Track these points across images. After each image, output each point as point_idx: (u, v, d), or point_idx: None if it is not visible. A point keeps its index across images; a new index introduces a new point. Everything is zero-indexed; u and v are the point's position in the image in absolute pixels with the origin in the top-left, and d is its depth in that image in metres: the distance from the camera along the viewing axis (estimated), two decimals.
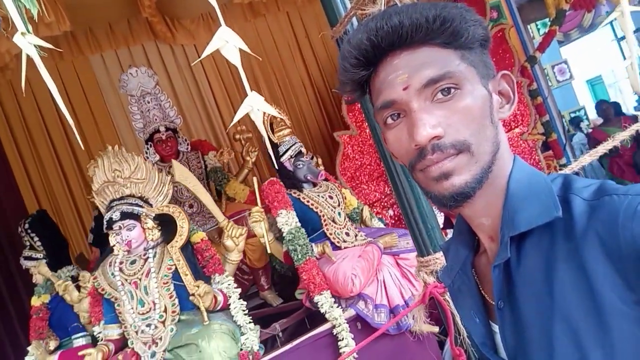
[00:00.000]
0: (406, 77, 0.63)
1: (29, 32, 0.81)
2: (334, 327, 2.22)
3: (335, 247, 2.54)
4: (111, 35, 4.10)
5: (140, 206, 2.26)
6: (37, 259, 2.59)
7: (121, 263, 2.22)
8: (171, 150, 3.25)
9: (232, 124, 0.92)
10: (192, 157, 3.36)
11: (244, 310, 2.20)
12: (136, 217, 2.22)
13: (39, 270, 2.53)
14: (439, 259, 1.85)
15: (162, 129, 3.21)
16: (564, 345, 0.57)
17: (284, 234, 2.39)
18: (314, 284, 2.29)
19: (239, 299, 2.24)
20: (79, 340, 2.49)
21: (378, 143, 1.92)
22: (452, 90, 0.62)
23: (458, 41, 0.63)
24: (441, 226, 2.48)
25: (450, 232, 2.74)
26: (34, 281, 2.60)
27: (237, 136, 3.49)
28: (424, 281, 1.87)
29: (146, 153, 3.26)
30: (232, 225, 2.40)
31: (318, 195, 2.69)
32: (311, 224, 2.58)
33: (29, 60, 0.89)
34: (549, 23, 4.54)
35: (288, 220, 2.41)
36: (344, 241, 2.59)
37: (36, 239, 2.64)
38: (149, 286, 2.15)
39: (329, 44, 4.70)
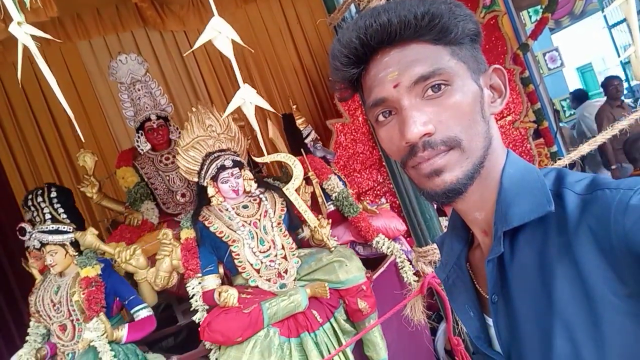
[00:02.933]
0: (396, 74, 0.63)
1: (23, 21, 0.80)
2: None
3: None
4: (99, 21, 4.02)
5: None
6: (66, 232, 2.31)
7: (233, 208, 2.34)
8: (163, 138, 3.22)
9: (223, 117, 0.91)
10: None
11: None
12: (242, 166, 2.39)
13: (85, 241, 2.32)
14: (437, 249, 1.86)
15: (153, 117, 3.17)
16: (556, 338, 0.58)
17: (335, 195, 2.67)
18: (370, 230, 2.62)
19: None
20: (143, 312, 2.28)
21: (375, 133, 1.91)
22: (443, 86, 0.62)
23: (448, 37, 0.63)
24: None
25: (442, 220, 2.76)
26: (33, 271, 2.43)
27: None
28: (421, 271, 1.88)
29: (137, 142, 3.23)
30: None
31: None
32: None
33: (21, 49, 0.88)
34: (541, 10, 4.54)
35: (337, 183, 2.72)
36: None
37: (61, 210, 2.38)
38: (267, 226, 2.33)
39: (322, 31, 4.66)
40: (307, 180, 2.70)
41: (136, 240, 2.69)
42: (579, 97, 6.38)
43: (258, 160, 2.68)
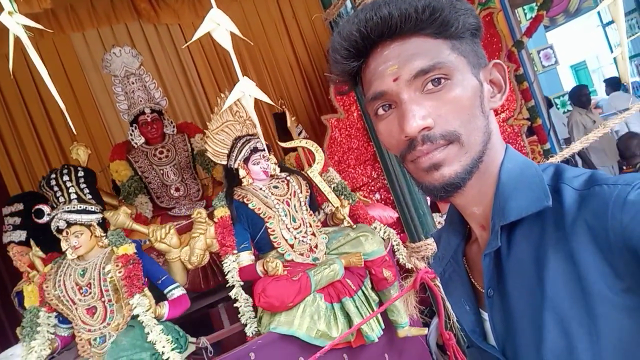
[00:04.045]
0: (396, 68, 0.63)
1: (15, 11, 0.79)
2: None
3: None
4: (93, 14, 3.98)
5: None
6: (94, 212, 2.21)
7: (267, 188, 2.47)
8: (157, 132, 3.20)
9: (222, 110, 0.90)
10: (178, 139, 3.31)
11: None
12: (269, 150, 2.51)
13: (117, 221, 2.30)
14: (430, 245, 1.87)
15: (147, 110, 3.15)
16: (551, 332, 0.58)
17: (335, 185, 2.77)
18: (368, 217, 2.72)
19: None
20: (177, 291, 2.24)
21: (370, 128, 1.92)
22: (442, 80, 0.62)
23: (448, 31, 0.63)
24: None
25: (435, 216, 2.78)
26: (36, 261, 2.33)
27: None
28: (415, 267, 1.89)
29: (131, 135, 3.21)
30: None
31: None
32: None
33: (12, 39, 0.87)
34: (536, 8, 4.55)
35: (335, 175, 2.86)
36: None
37: (87, 191, 2.28)
38: (296, 205, 2.47)
39: (317, 26, 4.64)
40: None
41: (129, 235, 2.68)
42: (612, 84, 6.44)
43: (284, 145, 2.82)
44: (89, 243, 2.17)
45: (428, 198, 2.84)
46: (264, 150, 2.44)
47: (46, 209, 2.25)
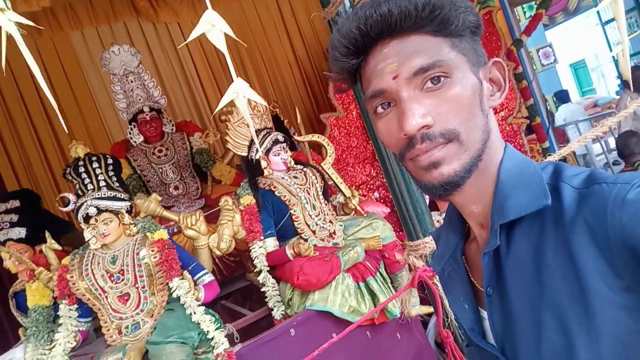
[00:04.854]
0: (395, 66, 0.62)
1: (8, 8, 0.78)
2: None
3: None
4: (92, 12, 3.98)
5: None
6: (123, 199, 2.21)
7: (289, 177, 2.58)
8: (156, 131, 3.19)
9: (216, 111, 0.90)
10: (177, 138, 3.31)
11: None
12: (285, 143, 2.63)
13: (148, 208, 2.31)
14: (428, 243, 1.87)
15: (146, 109, 3.14)
16: (550, 331, 0.58)
17: (332, 182, 2.89)
18: (364, 210, 2.83)
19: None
20: (206, 277, 2.26)
21: (369, 127, 1.92)
22: (442, 78, 0.62)
23: (448, 29, 0.62)
24: None
25: (434, 214, 2.78)
26: (49, 254, 2.27)
27: (223, 117, 3.44)
28: (413, 265, 1.90)
29: (130, 133, 3.20)
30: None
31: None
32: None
33: (9, 38, 0.86)
34: (535, 6, 4.54)
35: (332, 172, 2.94)
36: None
37: (115, 179, 2.28)
38: (314, 194, 2.58)
39: (317, 24, 4.64)
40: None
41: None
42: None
43: (300, 139, 2.97)
44: (117, 231, 2.17)
45: (427, 196, 2.85)
46: (284, 142, 2.58)
47: (71, 196, 2.19)
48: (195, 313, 2.03)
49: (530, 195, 0.61)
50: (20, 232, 2.53)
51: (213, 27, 0.82)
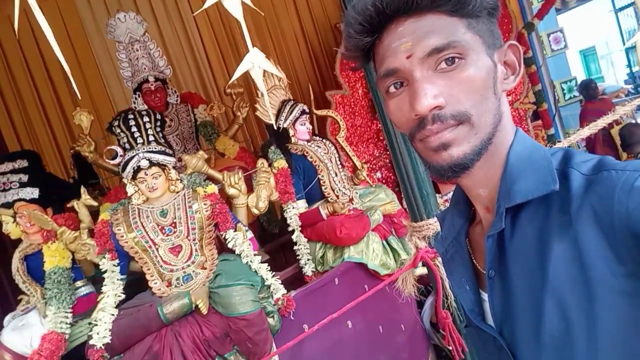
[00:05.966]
0: (410, 45, 0.62)
1: None
2: None
3: None
4: None
5: None
6: (171, 155, 2.24)
7: (312, 145, 2.78)
8: (160, 101, 3.17)
9: (231, 81, 0.90)
10: (181, 109, 3.29)
11: None
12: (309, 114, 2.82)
13: (196, 165, 2.37)
14: (432, 225, 1.89)
15: (151, 79, 3.12)
16: (551, 315, 0.59)
17: None
18: None
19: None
20: (249, 234, 2.31)
21: (378, 106, 1.90)
22: (456, 60, 0.61)
23: (465, 9, 0.61)
24: None
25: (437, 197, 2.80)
26: (81, 210, 2.23)
27: (228, 90, 3.41)
28: (415, 246, 1.91)
29: (134, 103, 3.18)
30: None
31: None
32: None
33: (21, 2, 0.85)
34: None
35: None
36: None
37: (161, 134, 2.28)
38: (335, 162, 2.79)
39: (326, 0, 4.56)
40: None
41: None
42: None
43: (318, 112, 3.18)
44: (164, 185, 2.21)
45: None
46: (309, 113, 2.80)
47: (119, 149, 2.22)
48: (252, 262, 2.17)
49: (538, 180, 0.61)
50: (33, 192, 2.42)
51: None
